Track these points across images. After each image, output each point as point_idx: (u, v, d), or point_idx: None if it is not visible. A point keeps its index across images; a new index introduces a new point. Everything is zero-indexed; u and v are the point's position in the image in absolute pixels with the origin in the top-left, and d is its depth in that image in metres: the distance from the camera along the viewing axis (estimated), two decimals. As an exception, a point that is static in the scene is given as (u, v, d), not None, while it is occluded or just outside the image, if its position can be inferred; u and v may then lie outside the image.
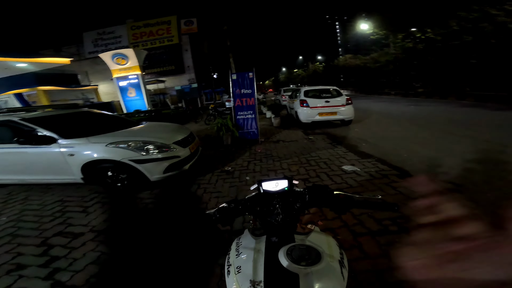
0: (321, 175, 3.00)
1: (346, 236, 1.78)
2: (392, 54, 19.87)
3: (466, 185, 2.44)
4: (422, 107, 10.48)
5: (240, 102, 4.93)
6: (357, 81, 27.40)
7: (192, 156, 3.25)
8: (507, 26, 10.77)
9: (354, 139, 4.84)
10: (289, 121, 7.55)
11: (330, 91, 6.36)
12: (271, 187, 0.72)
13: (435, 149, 3.76)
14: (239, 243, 0.66)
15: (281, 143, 4.89)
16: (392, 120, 6.98)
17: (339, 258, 0.59)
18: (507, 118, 6.17)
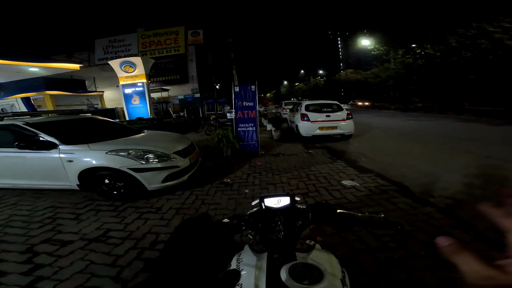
0: (320, 189, 2.98)
1: (345, 252, 1.77)
2: (393, 69, 20.32)
3: (466, 201, 2.45)
4: (421, 121, 10.58)
5: (241, 114, 5.00)
6: (358, 95, 27.83)
7: (192, 167, 3.26)
8: (504, 43, 11.00)
9: (354, 153, 4.89)
10: (290, 135, 7.60)
11: (331, 106, 6.46)
12: (273, 204, 0.71)
13: (434, 164, 3.78)
14: (240, 260, 0.65)
15: (281, 157, 4.91)
16: (391, 134, 7.05)
17: (341, 276, 0.58)
18: (505, 133, 6.26)
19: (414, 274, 1.47)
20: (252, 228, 0.70)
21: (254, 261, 0.61)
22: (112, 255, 1.90)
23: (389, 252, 1.71)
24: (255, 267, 0.58)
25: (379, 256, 1.67)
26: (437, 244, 0.26)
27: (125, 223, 2.43)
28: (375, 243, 1.81)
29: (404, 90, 19.98)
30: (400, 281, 1.43)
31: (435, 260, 1.56)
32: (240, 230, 0.68)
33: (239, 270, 0.62)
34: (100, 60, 21.17)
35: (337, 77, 32.37)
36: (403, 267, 1.54)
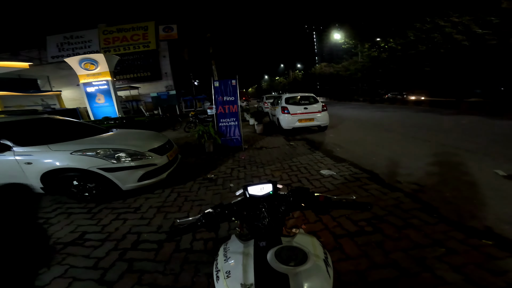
0: (302, 180, 3.09)
1: (327, 238, 1.83)
2: (360, 62, 20.90)
3: (428, 186, 2.67)
4: (386, 112, 11.41)
5: (222, 109, 4.91)
6: (331, 88, 28.77)
7: (171, 164, 3.15)
8: (453, 37, 11.73)
9: (330, 144, 5.13)
10: (272, 128, 7.68)
11: (308, 98, 6.64)
12: (256, 192, 0.73)
13: (399, 152, 4.12)
14: (227, 249, 0.65)
15: (264, 150, 4.96)
16: (361, 125, 7.54)
17: (323, 257, 0.61)
18: (455, 122, 7.11)
19: (390, 256, 1.58)
20: (237, 217, 0.71)
21: (241, 249, 0.62)
22: (92, 257, 1.81)
23: (367, 236, 1.80)
24: (242, 254, 0.59)
25: (358, 240, 1.76)
26: None
27: (102, 224, 2.30)
28: (354, 228, 1.91)
29: (371, 83, 20.94)
30: (379, 264, 1.52)
31: (408, 241, 1.71)
32: (224, 219, 0.68)
33: (226, 258, 0.62)
34: (54, 58, 19.20)
35: (312, 71, 32.85)
36: (380, 250, 1.64)
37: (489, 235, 1.72)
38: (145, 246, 1.91)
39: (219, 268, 0.60)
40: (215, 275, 0.60)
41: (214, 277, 0.60)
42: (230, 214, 0.70)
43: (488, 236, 1.71)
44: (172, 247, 1.85)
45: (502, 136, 4.73)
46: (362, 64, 20.47)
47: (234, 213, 0.71)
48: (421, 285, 1.35)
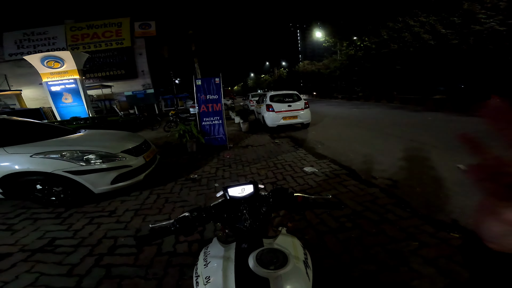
0: (287, 177, 3.09)
1: (312, 235, 1.86)
2: (339, 60, 21.46)
3: (400, 181, 2.79)
4: (362, 109, 11.95)
5: (205, 108, 4.79)
6: (314, 85, 29.10)
7: (148, 165, 3.05)
8: (421, 36, 12.35)
9: (312, 141, 5.26)
10: (257, 126, 7.64)
11: (292, 96, 6.71)
12: (237, 193, 0.71)
13: (373, 148, 4.31)
14: (207, 253, 0.63)
15: (250, 148, 4.94)
16: (339, 122, 7.84)
17: (303, 258, 0.60)
18: (421, 119, 7.65)
19: (370, 251, 1.64)
20: (217, 220, 0.67)
21: (221, 252, 0.60)
22: (65, 264, 1.70)
23: (348, 232, 1.86)
24: (222, 258, 0.57)
25: (340, 237, 1.81)
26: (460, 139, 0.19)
27: (73, 229, 2.17)
28: (335, 225, 1.96)
29: (349, 80, 21.42)
30: (360, 259, 1.58)
31: (385, 236, 1.78)
32: (202, 223, 0.65)
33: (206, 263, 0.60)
34: (12, 56, 17.66)
35: (296, 68, 33.03)
36: (360, 245, 1.70)
37: (456, 228, 1.82)
38: (123, 250, 1.82)
39: (199, 273, 0.58)
40: (194, 280, 0.59)
41: (194, 283, 0.58)
42: (208, 217, 0.67)
43: (455, 228, 1.82)
44: (153, 251, 1.77)
45: (462, 132, 5.13)
46: (341, 62, 21.02)
47: (213, 216, 0.68)
48: (399, 278, 1.41)
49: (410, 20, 13.07)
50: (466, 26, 10.30)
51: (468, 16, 10.22)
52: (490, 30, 9.44)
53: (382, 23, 14.73)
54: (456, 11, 10.70)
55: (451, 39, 10.97)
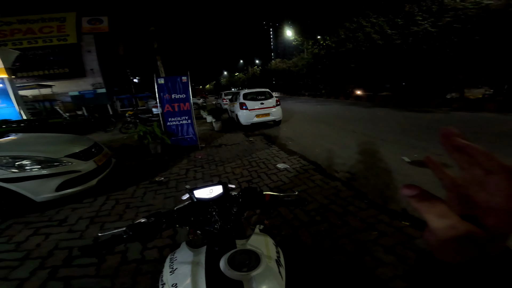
0: (261, 175, 3.12)
1: (288, 231, 1.92)
2: (305, 59, 22.21)
3: (357, 173, 3.02)
4: (324, 106, 12.88)
5: (170, 108, 4.54)
6: (285, 83, 29.81)
7: (101, 170, 2.89)
8: (371, 36, 13.49)
9: (284, 138, 5.43)
10: (231, 125, 7.53)
11: (264, 93, 6.79)
12: (205, 195, 0.67)
13: (334, 143, 4.60)
14: (174, 259, 0.60)
15: (224, 147, 4.86)
16: (306, 118, 8.28)
17: (275, 257, 0.59)
18: (372, 114, 8.65)
19: (338, 242, 1.75)
20: (182, 224, 0.63)
21: (190, 257, 0.57)
22: (13, 279, 1.51)
23: (318, 226, 1.95)
24: (191, 263, 0.55)
25: (311, 230, 1.90)
26: (403, 194, 0.22)
27: (15, 242, 1.93)
28: (307, 219, 2.05)
29: (314, 78, 22.35)
30: (330, 250, 1.68)
31: (349, 227, 1.93)
32: (163, 228, 0.60)
33: (172, 270, 0.56)
34: None
35: (269, 66, 33.90)
36: (329, 237, 1.81)
37: (406, 216, 1.97)
38: (82, 261, 1.67)
39: (165, 281, 0.54)
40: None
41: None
42: (171, 222, 0.62)
43: (405, 217, 1.96)
44: (117, 260, 1.66)
45: (406, 126, 5.95)
46: (307, 60, 21.79)
47: (176, 220, 0.63)
48: (365, 267, 1.54)
49: (363, 20, 14.17)
50: (407, 27, 11.63)
51: (409, 18, 11.56)
52: (424, 31, 10.85)
53: (340, 23, 15.65)
54: (400, 13, 12.00)
55: (395, 39, 12.26)
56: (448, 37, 10.11)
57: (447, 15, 10.07)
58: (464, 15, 9.38)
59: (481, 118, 6.81)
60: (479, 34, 9.04)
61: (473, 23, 9.10)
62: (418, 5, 11.46)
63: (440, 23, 10.32)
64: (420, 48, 11.40)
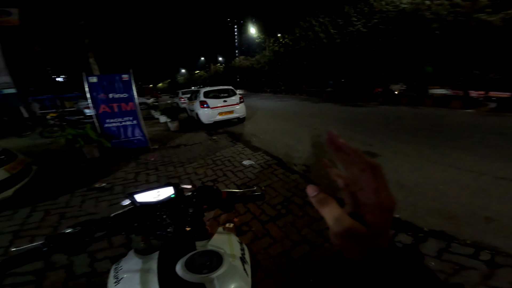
0: (227, 173, 3.08)
1: (257, 226, 1.95)
2: (267, 56, 23.00)
3: (311, 166, 3.24)
4: (283, 102, 13.63)
5: (108, 108, 4.16)
6: (248, 80, 30.31)
7: (17, 179, 2.56)
8: (319, 35, 14.74)
9: (248, 135, 5.46)
10: (191, 124, 7.15)
11: (227, 91, 6.65)
12: (150, 198, 0.62)
13: (292, 137, 4.83)
14: (119, 268, 0.56)
15: (183, 148, 4.58)
16: (268, 115, 8.63)
17: (240, 255, 0.59)
18: (320, 109, 9.61)
19: (302, 232, 1.84)
20: (123, 231, 0.59)
21: (138, 265, 0.55)
22: None
23: (284, 218, 2.04)
24: (140, 271, 0.52)
25: (278, 224, 1.97)
26: (308, 194, 0.25)
27: None
28: (274, 213, 2.12)
29: (274, 75, 23.31)
30: (297, 242, 1.77)
31: (309, 217, 2.05)
32: (94, 238, 0.53)
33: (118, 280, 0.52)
34: None
35: (232, 64, 33.84)
36: (294, 229, 1.90)
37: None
38: (17, 279, 1.46)
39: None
40: None
41: None
42: (105, 230, 0.55)
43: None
44: (61, 275, 1.49)
45: (345, 119, 6.87)
46: (268, 57, 22.57)
47: (113, 228, 0.57)
48: (326, 254, 1.65)
49: (313, 20, 15.30)
50: (345, 27, 13.11)
51: (347, 19, 13.03)
52: (357, 32, 12.32)
53: (297, 22, 16.55)
54: (341, 14, 13.42)
55: (336, 38, 13.65)
56: (375, 37, 11.74)
57: (375, 17, 11.68)
58: (386, 17, 11.02)
59: (399, 110, 8.61)
60: (396, 35, 10.85)
61: (393, 24, 10.84)
62: (354, 6, 12.82)
63: (370, 24, 11.90)
64: (354, 47, 12.89)
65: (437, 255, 1.55)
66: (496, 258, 1.49)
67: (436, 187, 2.46)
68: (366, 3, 12.36)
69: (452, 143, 3.99)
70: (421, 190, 2.42)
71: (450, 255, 1.54)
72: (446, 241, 1.66)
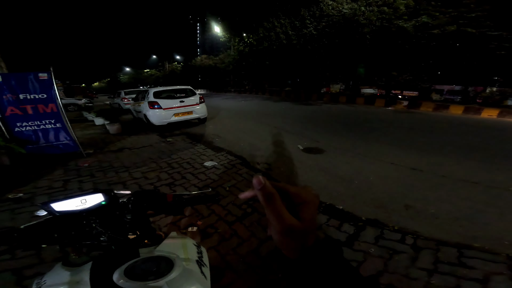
0: (186, 175, 3.02)
1: (224, 227, 1.96)
2: (232, 55, 23.57)
3: (272, 163, 3.45)
4: (246, 101, 14.04)
5: (18, 111, 3.80)
6: (211, 80, 30.51)
7: None
8: (280, 36, 15.86)
9: (210, 135, 5.41)
10: (138, 126, 6.74)
11: (184, 91, 6.52)
12: (72, 206, 0.59)
13: (254, 136, 5.04)
14: (41, 283, 0.54)
15: (128, 151, 4.24)
16: (231, 114, 8.73)
17: (196, 258, 0.59)
18: (279, 107, 10.33)
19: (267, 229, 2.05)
20: (39, 243, 0.57)
21: (66, 278, 0.53)
22: None
23: (250, 217, 2.11)
24: (68, 284, 0.51)
25: (245, 223, 2.02)
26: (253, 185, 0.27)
27: None
28: (240, 212, 2.17)
29: (239, 75, 24.19)
30: (263, 239, 1.84)
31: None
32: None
33: None
34: None
35: (193, 63, 33.51)
36: (260, 227, 1.97)
37: None
38: None
39: None
40: None
41: None
42: (12, 243, 0.54)
43: None
44: None
45: (298, 118, 7.54)
46: (233, 57, 23.19)
47: (23, 240, 0.55)
48: None
49: (275, 21, 16.55)
50: (301, 29, 14.54)
51: (303, 21, 14.48)
52: (310, 34, 13.81)
53: (261, 22, 17.62)
54: (298, 16, 14.83)
55: (293, 40, 15.07)
56: (322, 39, 13.45)
57: (323, 21, 13.35)
58: (331, 21, 12.75)
59: (339, 108, 10.28)
60: (338, 37, 12.65)
61: (336, 28, 12.59)
62: (309, 9, 14.45)
63: (319, 27, 13.61)
64: (307, 48, 14.49)
65: (375, 241, 1.77)
66: (417, 242, 1.76)
67: (368, 178, 2.88)
68: (318, 7, 13.93)
69: (378, 138, 4.90)
70: (357, 182, 2.79)
71: (385, 241, 1.77)
72: (380, 228, 1.92)
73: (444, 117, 8.03)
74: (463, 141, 4.55)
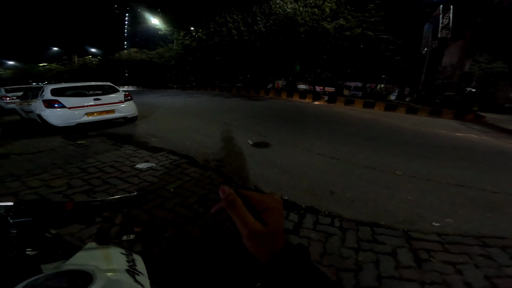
0: (110, 180, 2.79)
1: (172, 230, 1.93)
2: (175, 50, 23.02)
3: (223, 160, 3.55)
4: (194, 98, 13.68)
5: None
6: (144, 76, 28.92)
7: None
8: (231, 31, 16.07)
9: (143, 135, 5.00)
10: (31, 128, 5.81)
11: (101, 88, 6.06)
12: None
13: (203, 134, 5.06)
14: None
15: (16, 157, 3.57)
16: (175, 112, 8.34)
17: (126, 267, 0.57)
18: (229, 104, 10.59)
19: (223, 227, 1.95)
20: None
21: None
22: None
23: (202, 217, 2.10)
24: None
25: (199, 223, 2.03)
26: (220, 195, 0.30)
27: None
28: (191, 213, 2.15)
29: (184, 70, 23.82)
30: (220, 236, 1.87)
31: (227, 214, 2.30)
32: None
33: None
34: None
35: (117, 57, 31.08)
36: (216, 225, 1.99)
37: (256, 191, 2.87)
38: None
39: None
40: None
41: None
42: None
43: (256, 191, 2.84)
44: None
45: (247, 113, 7.96)
46: (176, 51, 22.76)
47: None
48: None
49: (228, 16, 16.99)
50: (252, 26, 15.41)
51: (254, 18, 15.37)
52: (260, 31, 14.81)
53: (212, 17, 17.75)
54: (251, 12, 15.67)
55: (245, 36, 15.86)
56: (269, 37, 14.80)
57: (271, 18, 14.63)
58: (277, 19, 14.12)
59: (281, 103, 11.79)
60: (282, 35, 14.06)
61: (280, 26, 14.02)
62: (260, 7, 15.62)
63: (268, 25, 14.90)
64: (256, 45, 15.66)
65: (313, 227, 2.02)
66: (343, 224, 2.06)
67: (303, 169, 3.27)
68: (268, 5, 15.23)
69: (308, 130, 5.75)
70: (296, 173, 3.15)
71: (320, 226, 2.03)
72: (315, 214, 2.20)
73: (351, 111, 10.06)
74: (363, 133, 5.77)
